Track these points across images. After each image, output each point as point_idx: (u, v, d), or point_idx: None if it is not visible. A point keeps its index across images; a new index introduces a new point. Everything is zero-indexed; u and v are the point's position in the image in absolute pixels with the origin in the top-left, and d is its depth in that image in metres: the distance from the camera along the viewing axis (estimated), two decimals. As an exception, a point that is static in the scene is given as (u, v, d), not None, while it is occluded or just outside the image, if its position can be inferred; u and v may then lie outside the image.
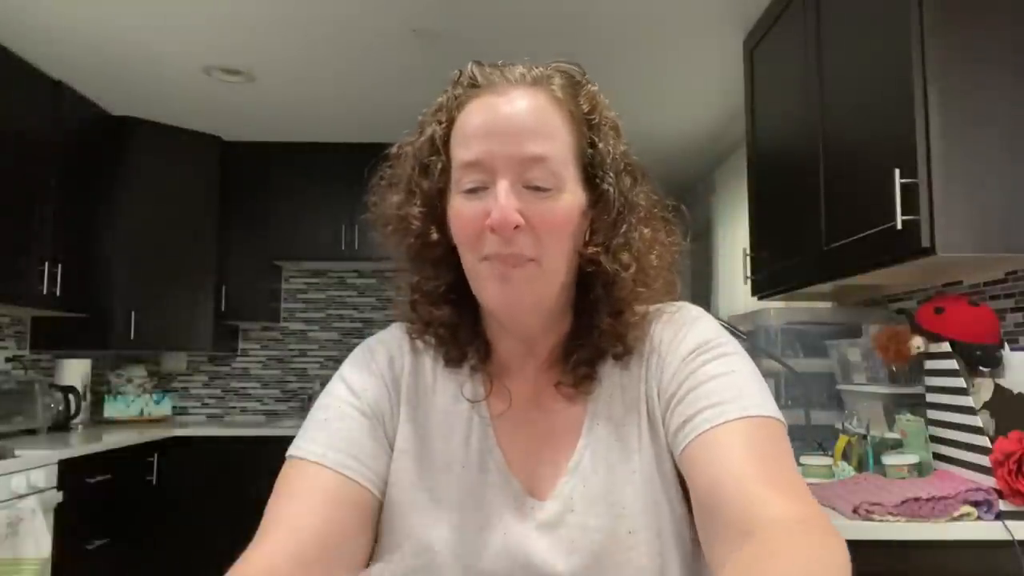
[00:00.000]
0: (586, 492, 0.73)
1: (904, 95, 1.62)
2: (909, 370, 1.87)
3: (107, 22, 2.87)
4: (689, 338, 0.75)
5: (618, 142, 0.77)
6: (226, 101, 3.66)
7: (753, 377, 0.72)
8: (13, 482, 2.47)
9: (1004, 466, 1.47)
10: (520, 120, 0.71)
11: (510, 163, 0.70)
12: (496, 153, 0.70)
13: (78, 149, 3.48)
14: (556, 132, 0.72)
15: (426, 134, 0.77)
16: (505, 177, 0.70)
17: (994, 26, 1.62)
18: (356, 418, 0.76)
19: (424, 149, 0.76)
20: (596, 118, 0.76)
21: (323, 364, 4.46)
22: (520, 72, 0.74)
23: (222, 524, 3.62)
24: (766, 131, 2.53)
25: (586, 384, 0.77)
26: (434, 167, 0.75)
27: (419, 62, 3.19)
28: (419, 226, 0.76)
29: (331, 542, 0.68)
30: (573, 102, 0.74)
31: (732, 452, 0.64)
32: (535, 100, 0.72)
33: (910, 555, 1.46)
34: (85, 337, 3.65)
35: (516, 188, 0.70)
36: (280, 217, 4.14)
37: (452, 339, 0.79)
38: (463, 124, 0.73)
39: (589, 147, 0.75)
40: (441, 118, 0.76)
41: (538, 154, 0.70)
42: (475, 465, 0.75)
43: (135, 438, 3.37)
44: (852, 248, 1.83)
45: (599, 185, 0.75)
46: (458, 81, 0.76)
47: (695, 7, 2.70)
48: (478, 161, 0.70)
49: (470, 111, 0.73)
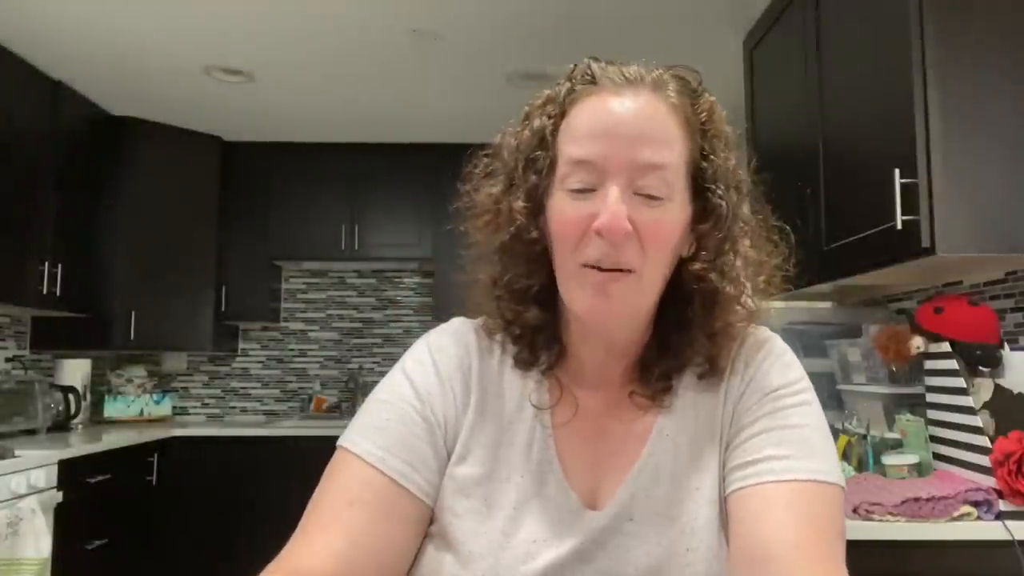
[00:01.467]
0: (648, 502, 0.71)
1: (904, 95, 1.62)
2: (909, 370, 1.87)
3: (107, 22, 2.87)
4: (774, 374, 0.73)
5: (729, 155, 0.74)
6: (226, 101, 3.66)
7: (825, 433, 0.71)
8: (13, 482, 2.47)
9: (1004, 466, 1.47)
10: (638, 124, 0.68)
11: (623, 167, 0.67)
12: (610, 155, 0.67)
13: (78, 149, 3.48)
14: (673, 140, 0.69)
15: (533, 126, 0.73)
16: (617, 180, 0.67)
17: (994, 26, 1.62)
18: (419, 423, 0.73)
19: (531, 142, 0.73)
20: (712, 128, 0.73)
21: (323, 364, 4.45)
22: (638, 72, 0.71)
23: (222, 524, 3.64)
24: (766, 131, 2.53)
25: (663, 396, 0.74)
26: (541, 162, 0.72)
27: (419, 62, 3.19)
28: (521, 221, 0.72)
29: (386, 559, 0.68)
30: (691, 109, 0.71)
31: (789, 515, 0.63)
32: (654, 104, 0.69)
33: (910, 555, 1.46)
34: (85, 337, 3.65)
35: (626, 193, 0.67)
36: (280, 217, 4.14)
37: (530, 341, 0.76)
38: (576, 120, 0.70)
39: (702, 158, 0.72)
40: (551, 111, 0.72)
41: (654, 162, 0.67)
42: (534, 475, 0.73)
43: (135, 438, 3.37)
44: (852, 248, 1.83)
45: (709, 198, 0.71)
46: (572, 75, 0.73)
47: (695, 7, 2.70)
48: (589, 160, 0.67)
49: (585, 107, 0.70)
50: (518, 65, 3.22)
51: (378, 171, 4.11)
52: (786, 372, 0.74)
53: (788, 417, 0.70)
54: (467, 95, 3.53)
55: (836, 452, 0.71)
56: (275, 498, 3.33)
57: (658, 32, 2.89)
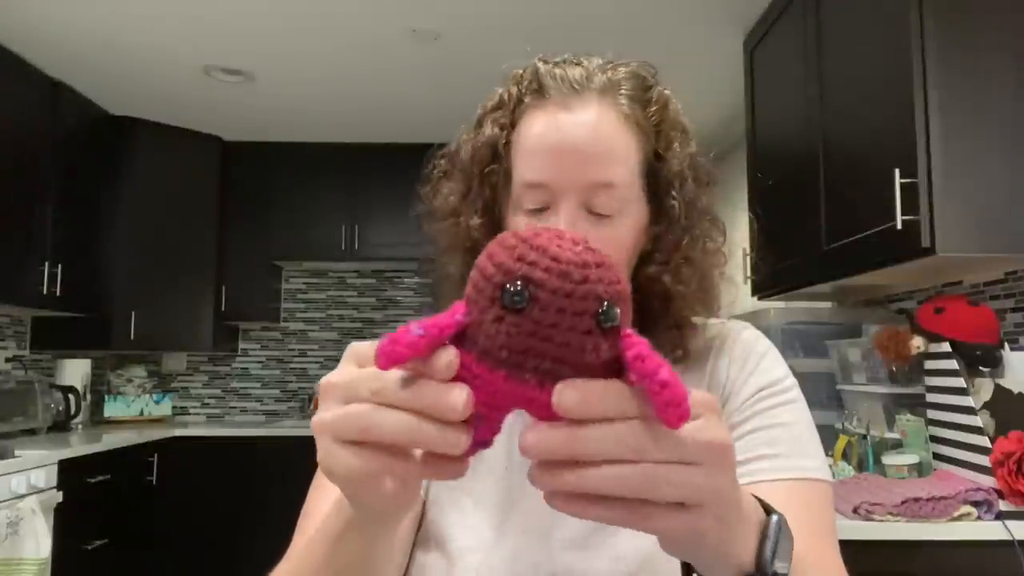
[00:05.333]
0: None
1: (904, 95, 1.62)
2: (909, 370, 1.87)
3: (106, 22, 2.87)
4: (761, 372, 0.74)
5: (686, 147, 0.74)
6: (226, 101, 3.66)
7: (812, 430, 0.72)
8: (13, 482, 2.47)
9: (1004, 466, 1.47)
10: (587, 142, 0.68)
11: (574, 188, 0.67)
12: (560, 178, 0.68)
13: (78, 149, 3.48)
14: (623, 154, 0.69)
15: (485, 135, 0.74)
16: (568, 201, 0.68)
17: (994, 26, 1.62)
18: None
19: (485, 154, 0.74)
20: (665, 126, 0.73)
21: (323, 364, 4.45)
22: (585, 75, 0.70)
23: (222, 524, 3.64)
24: (766, 131, 2.53)
25: None
26: (496, 175, 0.73)
27: (419, 62, 3.19)
28: (480, 238, 0.73)
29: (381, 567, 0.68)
30: (642, 112, 0.71)
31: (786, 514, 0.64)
32: (603, 118, 0.69)
33: (910, 555, 1.46)
34: (85, 337, 3.66)
35: (580, 212, 0.68)
36: (280, 217, 4.14)
37: None
38: (526, 136, 0.71)
39: (656, 159, 0.72)
40: (502, 120, 0.73)
41: (604, 180, 0.67)
42: (518, 468, 0.72)
43: (135, 438, 3.37)
44: (852, 248, 1.83)
45: (665, 200, 0.72)
46: (521, 80, 0.73)
47: (695, 7, 2.70)
48: (542, 183, 0.68)
49: (534, 123, 0.70)
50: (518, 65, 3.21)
51: (378, 171, 4.11)
52: (772, 370, 0.74)
53: (778, 415, 0.71)
54: (467, 95, 3.52)
55: (822, 447, 0.72)
56: (275, 498, 3.33)
57: (658, 32, 2.89)
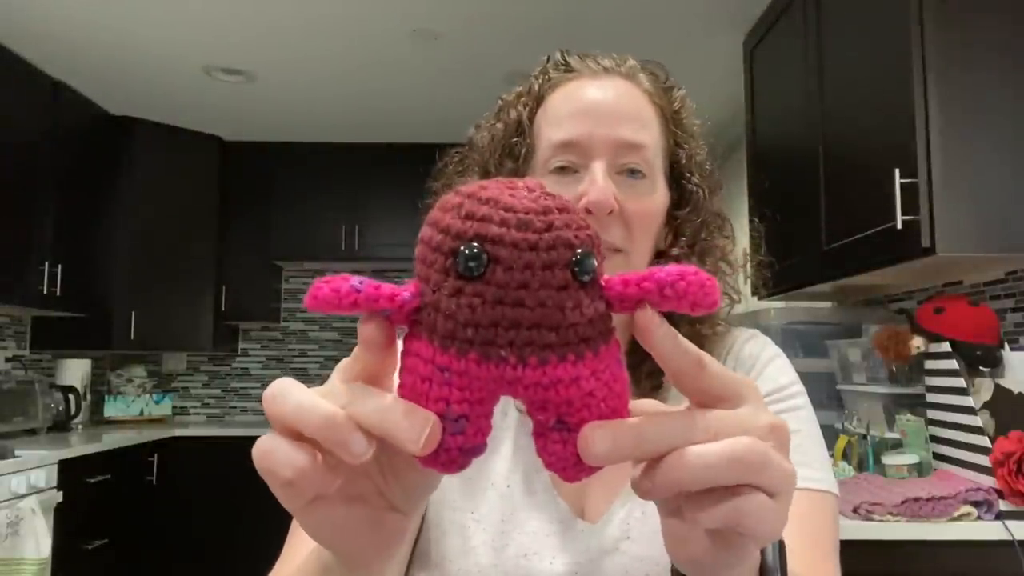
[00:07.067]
0: (645, 520, 0.67)
1: (904, 95, 1.62)
2: (909, 370, 1.87)
3: (106, 22, 2.87)
4: (764, 379, 0.72)
5: (701, 149, 0.75)
6: (226, 101, 3.66)
7: (818, 439, 0.70)
8: (13, 482, 2.47)
9: (1004, 466, 1.47)
10: (619, 104, 0.68)
11: (607, 145, 0.67)
12: (593, 133, 0.67)
13: (78, 149, 3.48)
14: (650, 123, 0.70)
15: (510, 116, 0.74)
16: (601, 159, 0.66)
17: (994, 26, 1.62)
18: None
19: (508, 131, 0.73)
20: (684, 120, 0.74)
21: (323, 364, 4.45)
22: (611, 62, 0.72)
23: (222, 524, 3.64)
24: (766, 131, 2.53)
25: (653, 397, 0.72)
26: (518, 149, 0.72)
27: (419, 62, 3.20)
28: None
29: None
30: (665, 98, 0.73)
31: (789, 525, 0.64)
32: (631, 91, 0.70)
33: (910, 555, 1.46)
34: (85, 337, 3.66)
35: (611, 172, 0.67)
36: (280, 217, 4.15)
37: None
38: (555, 105, 0.70)
39: (676, 146, 0.72)
40: (527, 101, 0.73)
41: (635, 141, 0.67)
42: (520, 485, 0.70)
43: (135, 438, 3.37)
44: (852, 248, 1.83)
45: (685, 186, 0.72)
46: (545, 67, 0.74)
47: (695, 7, 2.70)
48: (573, 141, 0.67)
49: (563, 92, 0.71)
50: (518, 65, 3.21)
51: (378, 171, 4.11)
52: (778, 376, 0.73)
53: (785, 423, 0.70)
54: (467, 95, 3.53)
55: (828, 456, 0.70)
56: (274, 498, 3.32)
57: (658, 32, 2.88)
